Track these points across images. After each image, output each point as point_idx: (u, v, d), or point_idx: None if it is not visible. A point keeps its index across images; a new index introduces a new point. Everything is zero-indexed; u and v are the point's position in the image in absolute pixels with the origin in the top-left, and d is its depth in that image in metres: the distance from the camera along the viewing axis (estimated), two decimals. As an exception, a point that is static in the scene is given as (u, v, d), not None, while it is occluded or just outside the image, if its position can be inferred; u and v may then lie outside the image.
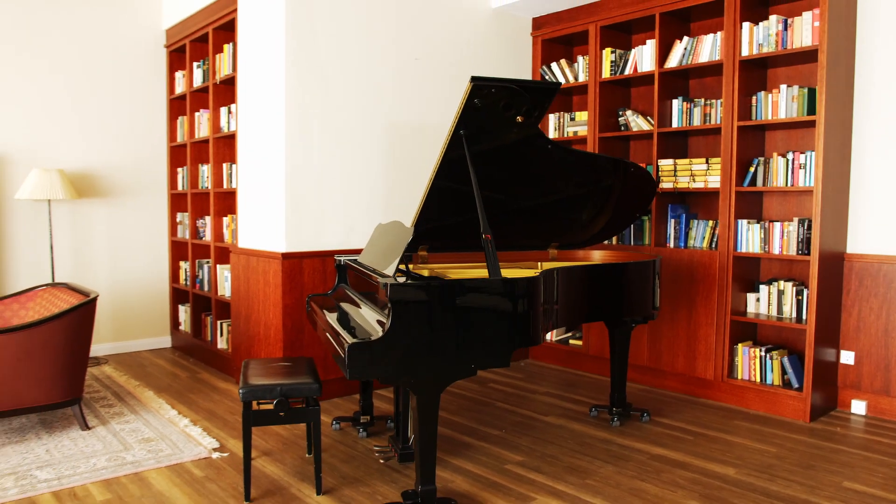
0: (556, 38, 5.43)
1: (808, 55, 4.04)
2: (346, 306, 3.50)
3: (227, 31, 5.22)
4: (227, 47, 5.12)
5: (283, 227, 4.36)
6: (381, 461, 3.44)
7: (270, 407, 3.81)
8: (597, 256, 4.21)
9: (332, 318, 3.33)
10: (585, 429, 3.97)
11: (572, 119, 5.37)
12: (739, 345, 4.37)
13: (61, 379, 3.82)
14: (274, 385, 3.03)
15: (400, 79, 4.76)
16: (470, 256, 3.95)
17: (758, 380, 4.29)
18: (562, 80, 5.36)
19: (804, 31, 3.98)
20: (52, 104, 5.55)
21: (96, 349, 5.86)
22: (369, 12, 4.59)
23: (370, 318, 3.00)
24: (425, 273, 3.57)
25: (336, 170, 4.50)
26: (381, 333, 2.65)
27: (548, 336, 5.60)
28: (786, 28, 4.06)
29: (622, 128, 5.07)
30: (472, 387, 4.88)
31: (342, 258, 3.84)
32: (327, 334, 3.10)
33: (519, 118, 3.13)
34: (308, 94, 4.35)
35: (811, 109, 4.01)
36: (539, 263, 3.98)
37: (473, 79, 2.87)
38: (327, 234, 4.50)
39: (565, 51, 5.53)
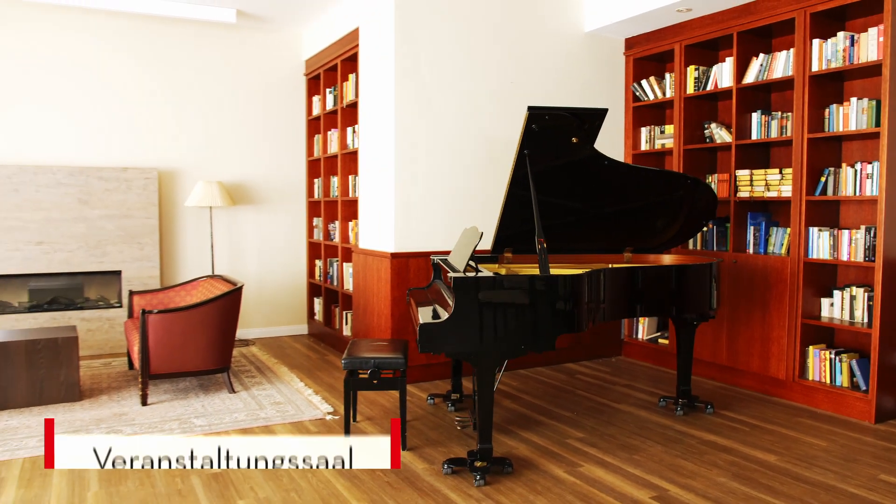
0: (646, 57, 5.81)
1: (875, 69, 4.21)
2: (435, 297, 4.17)
3: (351, 61, 6.07)
4: (352, 76, 5.98)
5: (393, 230, 5.11)
6: (459, 428, 4.08)
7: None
8: (666, 259, 4.59)
9: (421, 307, 4.00)
10: (650, 416, 4.38)
11: (662, 132, 5.73)
12: (811, 347, 4.57)
13: (214, 350, 4.79)
14: (369, 358, 3.75)
15: (496, 100, 5.37)
16: (554, 258, 4.47)
17: (827, 381, 4.48)
18: (651, 95, 5.74)
19: (870, 46, 4.16)
20: (213, 129, 6.69)
21: (246, 333, 6.95)
22: (468, 41, 5.24)
23: (448, 307, 3.65)
24: (502, 271, 4.16)
25: (438, 181, 5.19)
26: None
27: (639, 335, 5.97)
28: (853, 44, 4.25)
29: (707, 140, 5.38)
30: (560, 377, 5.39)
31: (436, 258, 4.51)
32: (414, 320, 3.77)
33: (574, 139, 3.65)
34: (414, 116, 5.08)
35: (879, 121, 4.17)
36: (609, 264, 4.44)
37: (529, 108, 3.45)
38: (430, 236, 5.19)
39: (656, 68, 5.89)
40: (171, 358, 4.65)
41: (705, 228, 5.31)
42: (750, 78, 4.90)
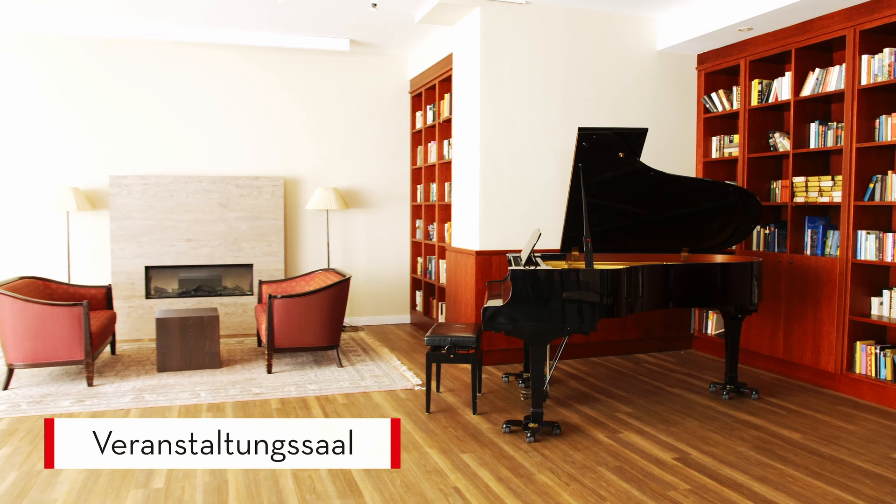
0: (716, 71, 6.24)
1: (917, 85, 4.52)
2: (507, 288, 4.89)
3: (447, 82, 6.88)
4: (447, 95, 6.79)
5: (478, 231, 5.87)
6: (523, 399, 4.78)
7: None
8: (718, 258, 5.06)
9: (492, 296, 4.73)
10: (698, 399, 4.89)
11: (730, 141, 6.14)
12: (858, 342, 4.90)
13: (327, 330, 5.74)
14: (447, 336, 4.53)
15: (569, 114, 6.00)
16: (613, 256, 5.06)
17: (872, 374, 4.80)
18: (720, 107, 6.17)
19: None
20: (330, 142, 7.72)
21: (356, 320, 7.93)
22: (545, 63, 5.91)
23: (508, 295, 4.36)
24: (564, 266, 4.81)
25: (517, 188, 5.89)
26: (504, 302, 4.01)
27: (708, 330, 6.40)
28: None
29: (771, 148, 5.76)
30: (627, 365, 5.95)
31: (510, 255, 5.22)
32: (482, 305, 4.51)
33: (620, 154, 4.26)
34: (496, 131, 5.81)
35: (921, 133, 4.48)
36: (663, 262, 4.98)
37: (579, 129, 4.12)
38: (510, 236, 5.90)
39: (726, 81, 6.29)
40: (292, 335, 5.64)
41: (767, 231, 5.70)
42: (806, 91, 5.27)
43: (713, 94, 6.23)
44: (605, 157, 4.34)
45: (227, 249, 7.33)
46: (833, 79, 5.06)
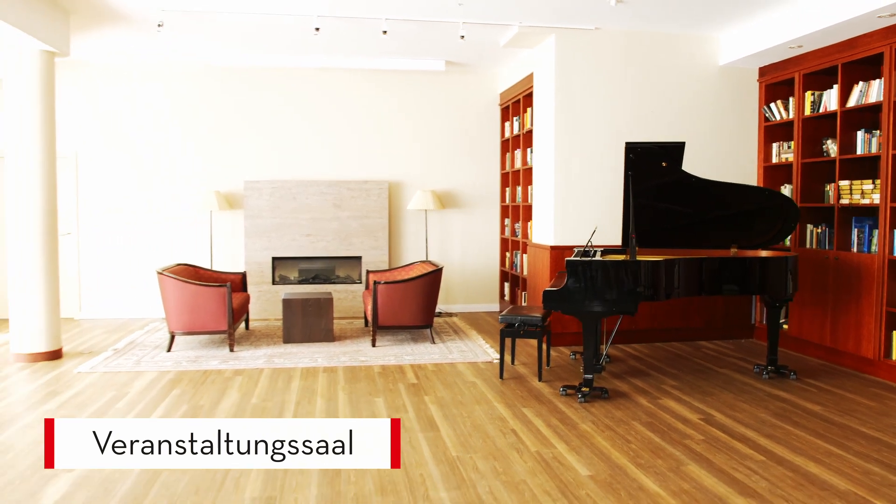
0: (775, 83, 6.78)
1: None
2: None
3: (529, 97, 7.75)
4: (529, 109, 7.67)
5: (552, 228, 6.72)
6: (582, 371, 5.61)
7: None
8: (763, 253, 5.67)
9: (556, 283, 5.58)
10: (741, 377, 5.54)
11: (788, 147, 6.67)
12: (895, 332, 5.39)
13: (422, 311, 6.78)
14: (517, 316, 5.44)
15: (635, 125, 6.73)
16: (671, 251, 5.76)
17: (906, 360, 5.30)
18: (778, 116, 6.71)
19: (938, 80, 4.94)
20: (428, 150, 8.78)
21: (450, 308, 8.95)
22: (612, 80, 6.67)
23: (567, 282, 5.22)
24: (622, 259, 5.59)
25: (586, 191, 6.69)
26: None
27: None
28: (926, 77, 5.05)
29: (824, 154, 6.27)
30: (686, 349, 6.62)
31: (577, 248, 6.05)
32: (546, 290, 5.39)
33: (663, 164, 5.02)
34: (568, 140, 6.64)
35: (948, 142, 4.95)
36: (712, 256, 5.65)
37: (627, 143, 4.93)
38: (580, 233, 6.71)
39: (785, 92, 6.81)
40: (393, 315, 6.71)
41: (819, 230, 6.22)
42: (851, 102, 5.78)
43: (772, 104, 6.78)
44: (651, 167, 5.10)
45: (339, 244, 8.53)
46: (874, 91, 5.56)
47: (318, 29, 6.22)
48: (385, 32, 6.37)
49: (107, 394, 5.10)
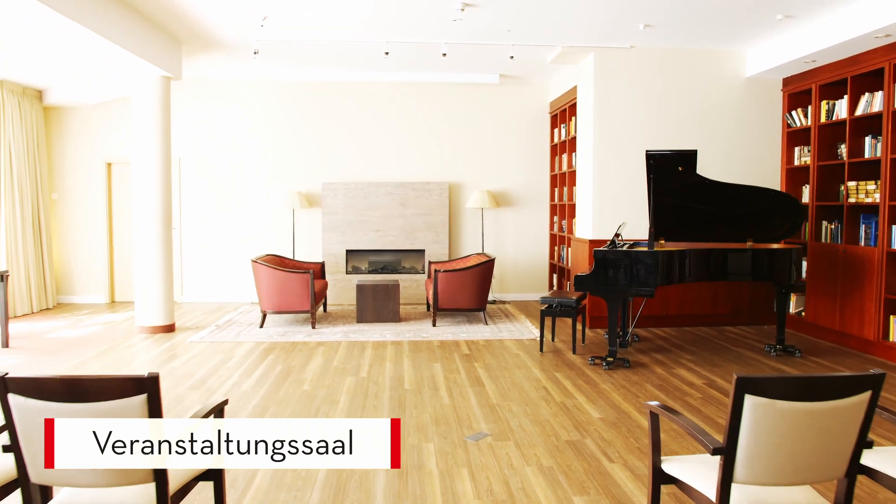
0: (797, 93, 7.48)
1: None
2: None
3: (573, 107, 8.64)
4: (573, 118, 8.56)
5: (591, 224, 7.62)
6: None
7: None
8: (774, 246, 6.42)
9: (589, 270, 6.49)
10: (751, 354, 6.33)
11: (808, 151, 7.36)
12: (892, 316, 6.08)
13: (476, 296, 7.78)
14: (555, 298, 6.38)
15: (667, 133, 7.54)
16: (691, 244, 6.57)
17: (901, 341, 5.98)
18: (799, 123, 7.41)
19: (926, 93, 5.62)
20: (484, 154, 9.77)
21: (503, 296, 9.92)
22: (645, 91, 7.51)
23: (597, 269, 6.13)
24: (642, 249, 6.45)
25: (621, 191, 7.55)
26: (588, 272, 5.80)
27: (790, 308, 7.64)
28: (917, 91, 5.73)
29: (839, 157, 6.95)
30: (711, 332, 7.41)
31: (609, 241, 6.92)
32: (580, 276, 6.31)
33: (679, 168, 5.87)
34: (605, 146, 7.51)
35: (935, 147, 5.62)
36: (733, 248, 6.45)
37: (647, 151, 5.80)
38: (615, 228, 7.57)
39: (806, 100, 7.49)
40: (450, 299, 7.74)
41: (832, 226, 6.91)
42: (859, 111, 6.47)
43: (793, 112, 7.48)
44: (669, 171, 5.95)
45: (405, 238, 9.61)
46: (878, 101, 6.25)
47: (387, 53, 7.30)
48: (445, 55, 7.40)
49: (216, 357, 6.31)
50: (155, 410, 2.25)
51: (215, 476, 2.71)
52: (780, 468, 2.27)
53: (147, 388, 2.22)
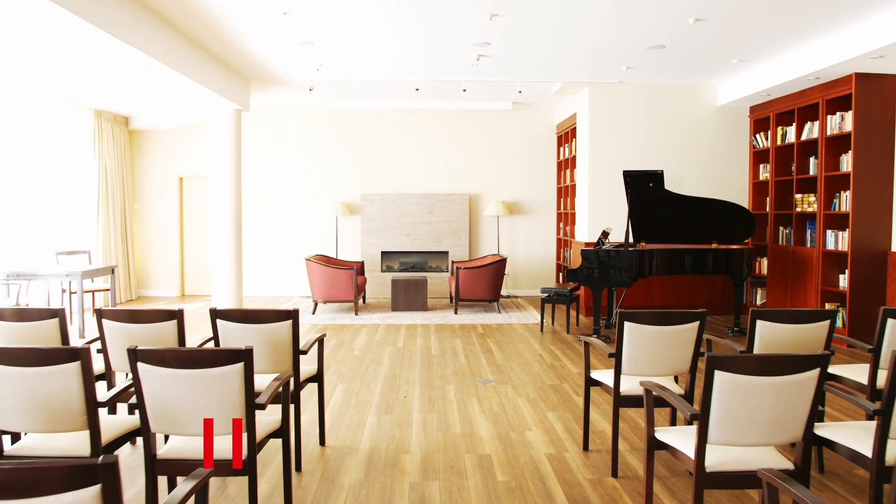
0: (760, 119, 8.93)
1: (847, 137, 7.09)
2: (591, 263, 8.12)
3: (574, 130, 10.14)
4: (574, 139, 10.08)
5: (586, 230, 9.12)
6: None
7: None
8: (734, 246, 7.85)
9: (581, 266, 8.01)
10: (711, 336, 7.76)
11: (768, 168, 8.79)
12: (827, 304, 7.49)
13: (491, 289, 9.32)
14: (552, 288, 7.90)
15: (651, 154, 9.02)
16: (665, 246, 8.04)
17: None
18: (762, 144, 8.85)
19: (848, 121, 7.05)
20: (499, 169, 11.33)
21: (516, 292, 11.44)
22: (632, 118, 9.01)
23: (586, 265, 7.64)
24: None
25: (612, 202, 9.04)
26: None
27: (757, 301, 9.05)
28: (842, 119, 7.16)
29: (791, 174, 8.38)
30: (688, 320, 8.84)
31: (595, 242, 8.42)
32: (573, 271, 7.83)
33: (651, 184, 7.36)
34: (598, 165, 9.02)
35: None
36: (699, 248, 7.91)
37: (624, 171, 7.30)
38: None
39: (767, 125, 8.94)
40: (469, 291, 9.29)
41: (787, 230, 8.33)
42: (804, 136, 7.91)
43: (758, 135, 8.93)
44: (643, 187, 7.44)
45: (431, 242, 11.19)
46: (816, 129, 7.68)
47: (417, 89, 8.89)
48: (465, 90, 8.97)
49: (282, 334, 7.91)
50: (249, 376, 2.73)
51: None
52: (746, 431, 2.59)
53: (243, 358, 2.71)
